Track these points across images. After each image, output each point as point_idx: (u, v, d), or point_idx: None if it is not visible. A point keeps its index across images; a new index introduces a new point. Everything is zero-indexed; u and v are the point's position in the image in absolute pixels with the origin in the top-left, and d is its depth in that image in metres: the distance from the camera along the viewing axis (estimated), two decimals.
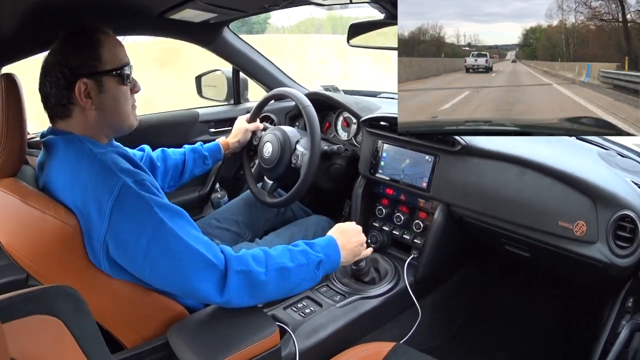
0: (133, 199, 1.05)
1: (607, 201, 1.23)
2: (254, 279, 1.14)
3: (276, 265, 1.18)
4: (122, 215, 1.03)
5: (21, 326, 0.70)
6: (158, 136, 2.05)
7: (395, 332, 1.56)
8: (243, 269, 1.13)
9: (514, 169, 1.40)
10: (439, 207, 1.60)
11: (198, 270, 1.08)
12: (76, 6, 1.30)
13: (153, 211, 1.06)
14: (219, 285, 1.11)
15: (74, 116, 1.14)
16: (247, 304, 1.17)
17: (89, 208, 1.04)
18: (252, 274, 1.14)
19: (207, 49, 2.09)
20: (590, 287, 1.62)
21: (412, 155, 1.65)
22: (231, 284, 1.11)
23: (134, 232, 1.04)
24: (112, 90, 1.15)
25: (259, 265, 1.16)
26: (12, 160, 1.10)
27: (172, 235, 1.07)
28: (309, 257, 1.24)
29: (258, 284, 1.15)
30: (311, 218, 1.88)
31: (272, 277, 1.16)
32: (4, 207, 1.08)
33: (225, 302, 1.13)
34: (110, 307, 1.14)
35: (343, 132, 2.08)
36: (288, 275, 1.19)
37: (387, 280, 1.56)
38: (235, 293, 1.12)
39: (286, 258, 1.21)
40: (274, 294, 1.20)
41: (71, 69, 1.11)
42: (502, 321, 1.93)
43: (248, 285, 1.13)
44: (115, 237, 1.04)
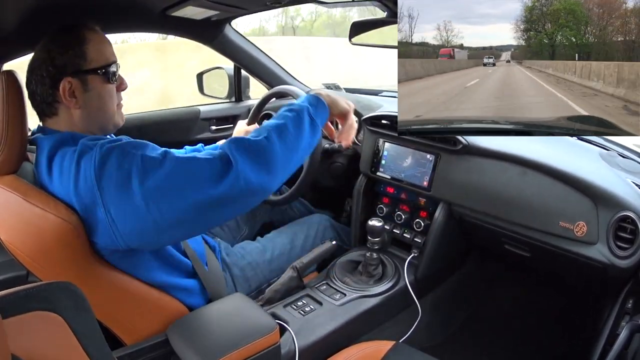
0: (110, 155, 1.01)
1: (607, 202, 1.23)
2: (255, 146, 1.07)
3: (270, 128, 1.12)
4: (107, 175, 0.99)
5: (22, 322, 0.70)
6: (159, 133, 2.05)
7: (395, 330, 1.56)
8: (242, 146, 1.06)
9: (515, 168, 1.40)
10: (440, 206, 1.60)
11: (200, 165, 1.02)
12: (77, 3, 1.30)
13: (130, 153, 1.01)
14: (225, 163, 1.03)
15: (60, 114, 1.14)
16: (265, 171, 1.07)
17: (80, 192, 1.02)
18: (252, 143, 1.07)
19: (209, 46, 2.09)
20: (590, 287, 1.62)
21: (413, 154, 1.64)
22: (235, 157, 1.03)
23: (124, 183, 0.99)
24: (97, 88, 1.15)
25: (254, 136, 1.09)
26: (13, 157, 1.10)
27: (158, 162, 1.01)
28: (294, 109, 1.20)
29: (262, 148, 1.07)
30: (313, 216, 1.88)
31: (273, 137, 1.09)
32: (4, 204, 1.08)
33: (243, 178, 1.02)
34: (111, 304, 1.14)
35: None
36: (286, 129, 1.13)
37: (387, 279, 1.57)
38: (242, 163, 1.03)
39: (275, 120, 1.16)
40: (284, 152, 1.11)
41: (56, 67, 1.10)
42: (502, 320, 1.93)
43: (252, 152, 1.06)
44: (113, 202, 1.00)
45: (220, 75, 2.42)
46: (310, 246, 1.67)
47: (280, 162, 1.10)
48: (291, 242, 1.67)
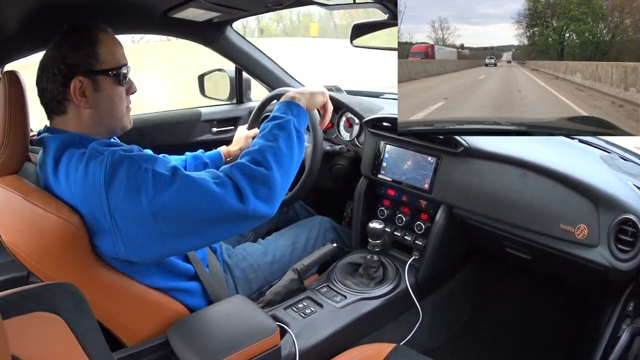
0: (121, 165, 1.02)
1: (608, 204, 1.23)
2: (260, 177, 1.11)
3: (266, 155, 1.15)
4: (116, 184, 1.01)
5: (22, 323, 0.70)
6: (160, 135, 2.05)
7: (396, 333, 1.55)
8: (246, 175, 1.10)
9: (515, 171, 1.39)
10: (441, 208, 1.59)
11: (213, 193, 1.06)
12: (79, 4, 1.31)
13: (141, 166, 1.03)
14: (237, 196, 1.08)
15: (69, 113, 1.15)
16: (271, 201, 1.13)
17: (87, 196, 1.03)
18: (256, 174, 1.11)
19: (210, 48, 2.09)
20: (591, 290, 1.61)
21: (414, 157, 1.64)
22: (245, 190, 1.08)
23: (133, 197, 1.01)
24: (107, 90, 1.15)
25: (255, 164, 1.13)
26: (15, 157, 1.11)
27: (170, 180, 1.04)
28: (282, 125, 1.21)
29: (267, 180, 1.12)
30: (315, 218, 1.87)
31: (272, 165, 1.14)
32: (6, 205, 1.08)
33: (251, 210, 1.09)
34: (111, 305, 1.14)
35: (345, 132, 2.08)
36: (280, 152, 1.17)
37: (388, 281, 1.56)
38: (253, 198, 1.09)
39: (267, 141, 1.18)
40: (283, 178, 1.16)
41: (68, 66, 1.11)
42: (502, 323, 1.93)
43: (259, 184, 1.11)
44: (120, 211, 1.02)
45: (222, 77, 2.42)
46: (311, 248, 1.67)
47: (280, 189, 1.16)
48: (292, 244, 1.67)
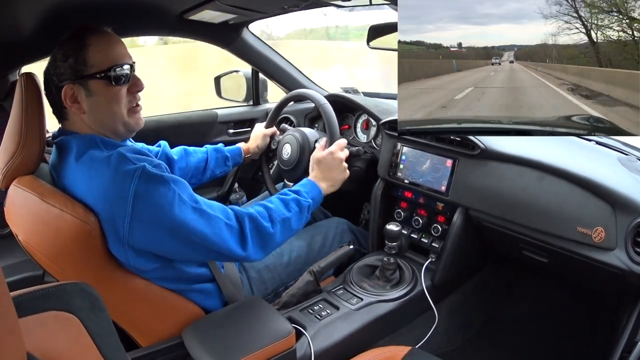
0: (152, 181, 1.06)
1: (626, 207, 1.20)
2: (264, 233, 1.23)
3: (279, 218, 1.27)
4: (144, 198, 1.05)
5: (37, 321, 0.70)
6: (177, 136, 2.06)
7: (411, 336, 1.54)
8: (255, 226, 1.22)
9: (533, 173, 1.37)
10: (458, 211, 1.58)
11: (221, 233, 1.15)
12: (95, 7, 1.32)
13: (171, 188, 1.09)
14: (240, 242, 1.19)
15: (70, 119, 1.17)
16: (261, 257, 1.25)
17: (110, 201, 1.04)
18: (262, 228, 1.23)
19: (226, 50, 2.10)
20: (608, 294, 1.59)
21: (431, 159, 1.63)
22: (248, 239, 1.19)
23: (157, 212, 1.07)
24: (100, 92, 1.15)
25: (265, 220, 1.24)
26: (31, 158, 1.12)
27: (192, 208, 1.12)
28: (301, 204, 1.35)
29: (268, 237, 1.24)
30: (331, 221, 1.86)
31: (278, 228, 1.26)
32: (22, 205, 1.09)
33: (246, 256, 1.21)
34: (127, 306, 1.15)
35: (362, 134, 2.07)
36: (289, 224, 1.30)
37: (404, 283, 1.55)
38: (252, 248, 1.21)
39: (284, 209, 1.31)
40: (279, 242, 1.30)
41: (57, 75, 1.13)
42: (519, 326, 1.90)
43: (261, 239, 1.23)
44: (140, 221, 1.05)
45: (238, 78, 2.43)
46: (328, 250, 1.67)
47: (275, 246, 1.31)
48: (308, 246, 1.67)
